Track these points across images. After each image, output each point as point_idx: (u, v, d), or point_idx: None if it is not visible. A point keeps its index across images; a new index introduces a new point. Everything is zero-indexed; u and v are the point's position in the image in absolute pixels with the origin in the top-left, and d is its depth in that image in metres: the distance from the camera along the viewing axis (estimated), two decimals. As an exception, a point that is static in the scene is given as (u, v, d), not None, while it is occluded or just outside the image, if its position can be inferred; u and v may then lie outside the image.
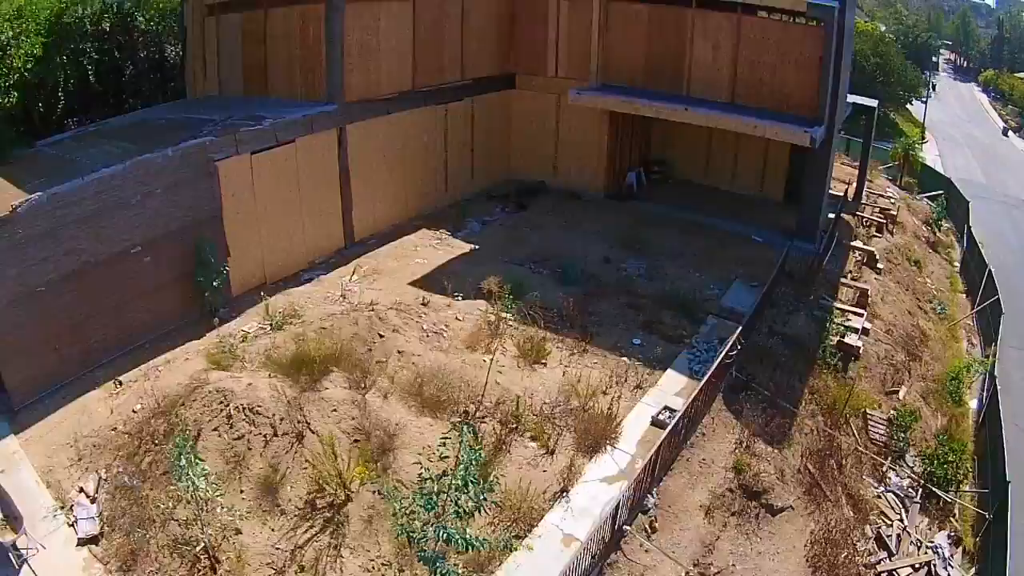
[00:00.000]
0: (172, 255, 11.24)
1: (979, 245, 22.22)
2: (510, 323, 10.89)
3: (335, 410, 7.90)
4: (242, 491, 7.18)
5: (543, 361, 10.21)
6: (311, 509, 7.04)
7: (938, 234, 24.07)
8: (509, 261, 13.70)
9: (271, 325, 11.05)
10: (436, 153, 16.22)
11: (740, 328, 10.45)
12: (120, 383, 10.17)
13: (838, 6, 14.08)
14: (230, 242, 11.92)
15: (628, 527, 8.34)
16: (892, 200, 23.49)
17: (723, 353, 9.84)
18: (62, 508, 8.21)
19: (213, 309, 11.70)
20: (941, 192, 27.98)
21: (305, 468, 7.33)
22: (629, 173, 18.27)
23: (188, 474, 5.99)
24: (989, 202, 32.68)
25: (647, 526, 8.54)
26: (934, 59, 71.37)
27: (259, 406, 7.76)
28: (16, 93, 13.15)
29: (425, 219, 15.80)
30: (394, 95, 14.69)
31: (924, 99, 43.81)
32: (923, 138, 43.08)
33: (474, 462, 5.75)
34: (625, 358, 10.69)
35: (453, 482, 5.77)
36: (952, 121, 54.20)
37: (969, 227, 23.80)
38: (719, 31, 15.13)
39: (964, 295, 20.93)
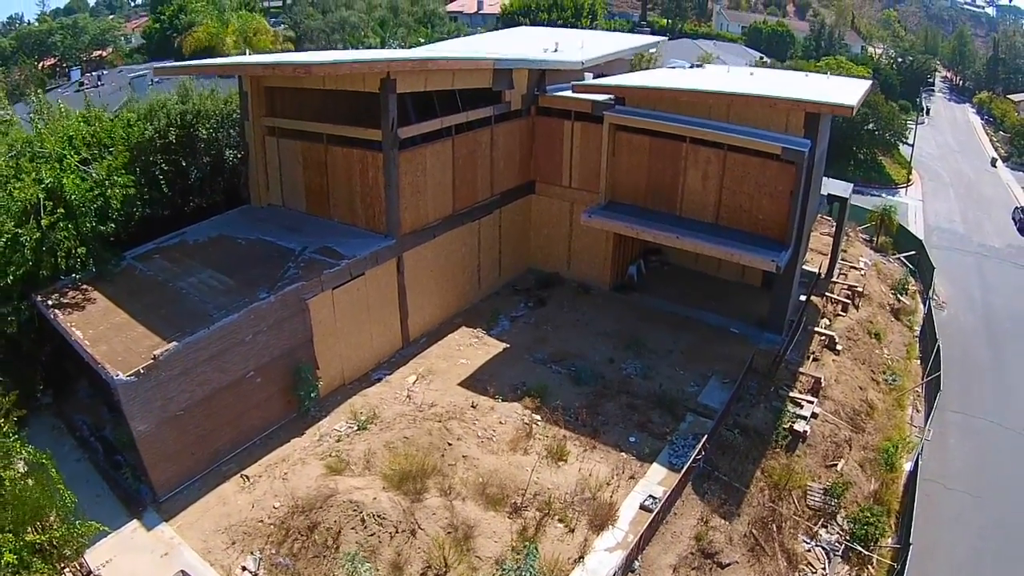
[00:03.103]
0: (276, 374, 15.39)
1: (934, 316, 26.67)
2: (539, 424, 15.47)
3: (434, 513, 12.30)
4: (378, 569, 11.55)
5: (564, 459, 14.65)
6: (424, 580, 11.53)
7: (903, 299, 28.55)
8: (534, 360, 18.20)
9: (358, 425, 15.50)
10: (471, 259, 20.60)
11: (706, 436, 14.96)
12: (247, 478, 14.34)
13: (808, 149, 18.06)
14: (318, 359, 16.19)
15: (623, 584, 12.84)
16: (862, 272, 28.03)
17: (693, 458, 14.36)
18: (229, 582, 12.38)
19: (307, 410, 16.09)
20: (914, 252, 32.53)
21: (419, 552, 11.71)
22: (630, 266, 22.74)
23: (360, 571, 10.37)
24: (962, 254, 37.00)
25: (635, 582, 13.04)
26: (929, 80, 76.05)
27: (384, 514, 12.13)
28: (114, 225, 16.72)
29: (464, 315, 20.27)
30: (438, 221, 19.09)
31: (911, 143, 48.33)
32: (908, 180, 47.82)
33: (532, 562, 10.18)
34: (624, 453, 15.08)
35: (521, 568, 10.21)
36: (941, 154, 58.55)
37: (929, 298, 28.29)
38: (708, 163, 19.23)
39: (919, 361, 25.48)
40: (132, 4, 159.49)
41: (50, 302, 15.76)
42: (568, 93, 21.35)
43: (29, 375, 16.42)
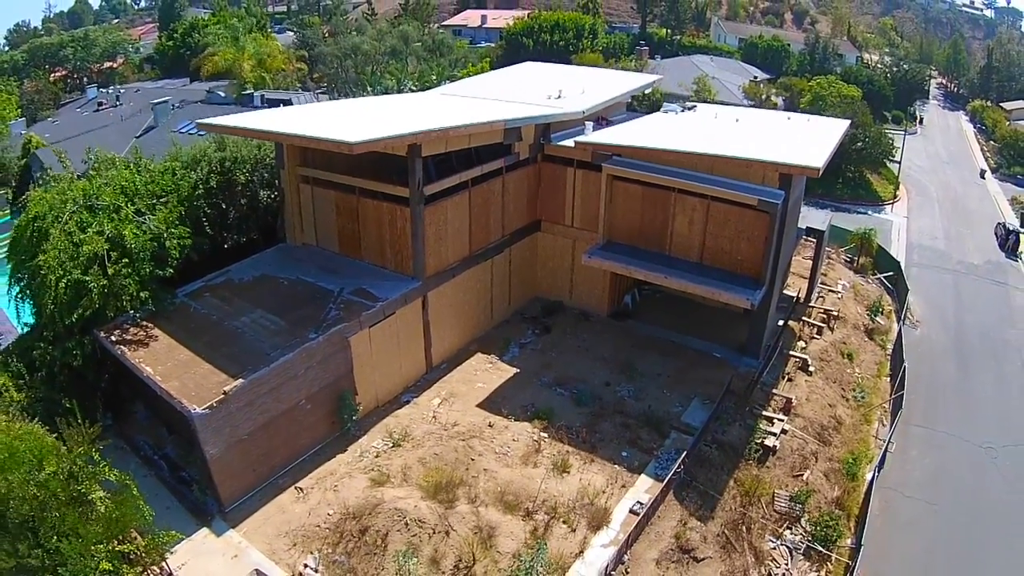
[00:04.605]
0: (323, 401, 18.43)
1: (908, 334, 29.68)
2: (546, 441, 18.66)
3: (463, 518, 15.49)
4: (420, 564, 14.74)
5: (568, 471, 17.84)
6: (456, 570, 14.66)
7: (878, 319, 31.60)
8: (541, 384, 21.41)
9: (392, 443, 18.67)
10: (485, 292, 23.79)
11: (687, 452, 18.13)
12: (301, 489, 17.40)
13: (781, 200, 20.97)
14: (357, 386, 19.31)
15: (613, 573, 16.00)
16: (839, 295, 31.11)
17: (674, 470, 17.54)
18: (293, 576, 15.45)
19: (348, 430, 19.22)
20: (892, 273, 35.58)
21: (452, 549, 14.89)
22: (626, 295, 25.90)
23: (407, 566, 13.61)
24: (941, 272, 39.80)
25: (624, 571, 16.22)
26: (925, 87, 79.07)
27: (423, 519, 15.31)
28: (171, 270, 19.21)
29: (479, 342, 23.48)
30: (457, 262, 22.24)
31: (898, 160, 51.41)
32: (895, 196, 50.87)
33: (542, 556, 13.40)
34: (617, 466, 18.27)
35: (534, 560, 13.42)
36: (931, 166, 61.37)
37: (903, 319, 31.35)
38: (693, 211, 22.27)
39: (888, 378, 28.52)
40: (136, 6, 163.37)
41: (113, 338, 18.26)
42: (571, 142, 24.41)
43: (92, 401, 18.62)
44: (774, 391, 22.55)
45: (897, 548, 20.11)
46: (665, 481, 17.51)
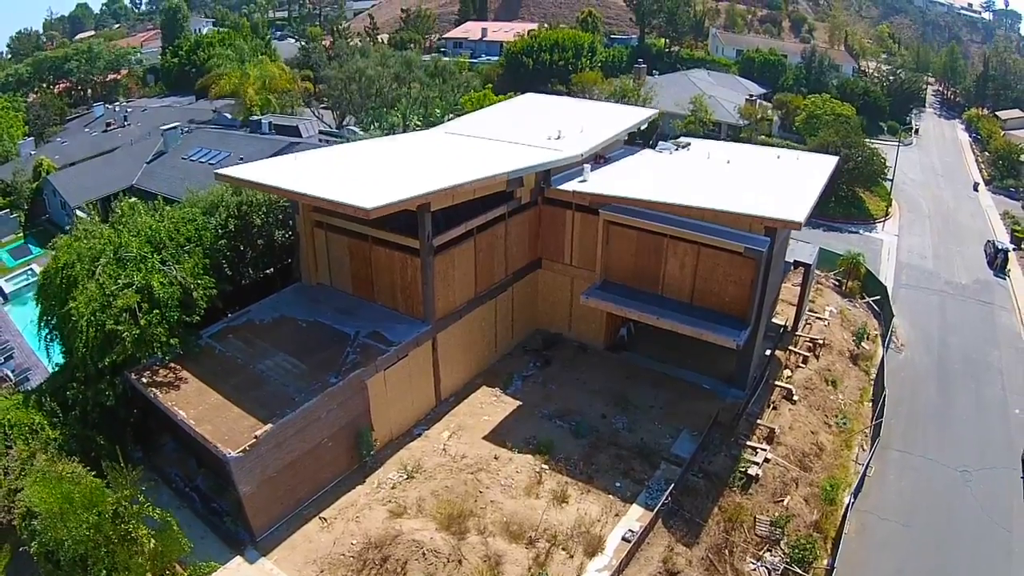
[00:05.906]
0: (343, 438, 20.52)
1: (893, 358, 31.67)
2: (547, 472, 20.83)
3: (474, 548, 17.66)
4: (436, 590, 16.99)
5: (566, 501, 20.00)
6: (468, 595, 16.94)
7: (864, 344, 33.66)
8: (542, 416, 23.57)
9: (407, 475, 20.81)
10: (490, 329, 25.95)
11: (674, 483, 20.29)
12: (324, 520, 19.56)
13: (766, 247, 22.90)
14: (374, 423, 21.47)
15: (610, 596, 18.22)
16: (826, 323, 33.21)
17: (663, 500, 19.70)
18: (321, 601, 17.56)
19: (366, 463, 21.33)
20: (879, 296, 37.61)
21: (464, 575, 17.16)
22: (622, 328, 28.03)
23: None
24: (928, 293, 41.46)
25: (618, 594, 18.44)
26: (921, 95, 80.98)
27: (439, 549, 17.46)
28: (199, 317, 20.97)
29: (484, 375, 25.65)
30: (464, 304, 24.36)
31: (890, 178, 53.40)
32: (887, 213, 52.90)
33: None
34: (611, 496, 20.43)
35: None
36: (924, 179, 63.10)
37: (887, 345, 33.39)
38: (685, 254, 24.29)
39: (871, 403, 30.55)
40: (137, 10, 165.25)
41: (144, 380, 20.04)
42: (570, 187, 26.37)
43: (122, 436, 20.59)
44: (759, 421, 24.70)
45: (871, 568, 22.24)
46: (655, 510, 19.68)
